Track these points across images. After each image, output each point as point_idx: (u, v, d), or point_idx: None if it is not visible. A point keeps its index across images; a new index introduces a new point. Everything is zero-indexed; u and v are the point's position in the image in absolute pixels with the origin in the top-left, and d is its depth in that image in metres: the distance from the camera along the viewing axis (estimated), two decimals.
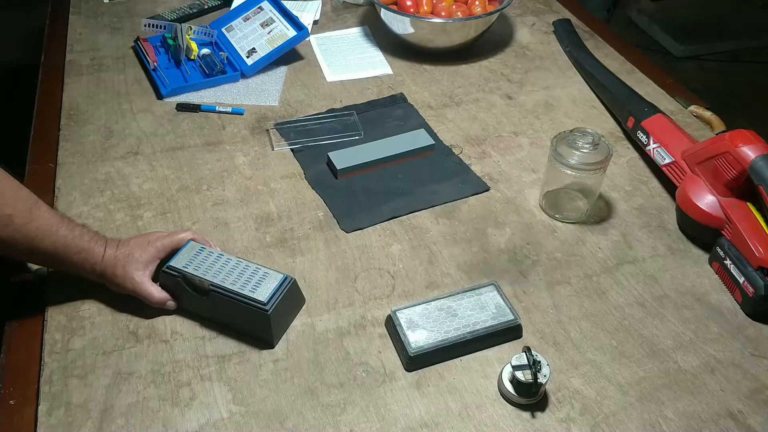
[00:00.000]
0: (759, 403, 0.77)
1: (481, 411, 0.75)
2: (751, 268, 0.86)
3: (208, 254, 0.84)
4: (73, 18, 1.45)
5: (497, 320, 0.81)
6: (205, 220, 0.98)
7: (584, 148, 0.92)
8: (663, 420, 0.75)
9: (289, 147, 1.12)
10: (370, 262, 0.92)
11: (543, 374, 0.73)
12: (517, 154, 1.12)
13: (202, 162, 1.09)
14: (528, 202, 1.03)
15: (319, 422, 0.74)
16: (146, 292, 0.82)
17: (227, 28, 1.38)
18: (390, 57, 1.36)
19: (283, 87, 1.27)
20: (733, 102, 2.55)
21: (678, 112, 1.20)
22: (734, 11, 3.15)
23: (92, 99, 1.21)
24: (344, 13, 1.51)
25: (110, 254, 0.82)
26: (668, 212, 1.01)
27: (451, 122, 1.19)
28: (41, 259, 0.83)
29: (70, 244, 0.80)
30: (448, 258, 0.93)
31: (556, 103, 1.24)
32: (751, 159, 0.85)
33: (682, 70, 2.82)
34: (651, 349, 0.82)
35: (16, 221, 0.76)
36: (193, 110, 1.19)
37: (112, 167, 1.07)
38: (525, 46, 1.41)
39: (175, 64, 1.29)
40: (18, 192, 0.78)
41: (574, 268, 0.92)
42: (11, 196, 0.77)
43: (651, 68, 1.34)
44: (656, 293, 0.89)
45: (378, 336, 0.83)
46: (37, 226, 0.78)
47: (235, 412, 0.74)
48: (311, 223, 0.98)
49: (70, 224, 0.81)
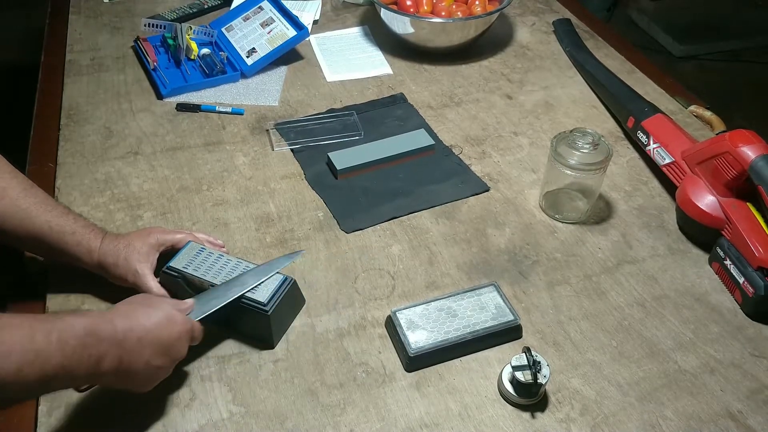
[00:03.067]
0: (759, 403, 0.77)
1: (481, 411, 0.75)
2: (750, 269, 0.86)
3: (208, 255, 0.84)
4: (73, 18, 1.45)
5: (497, 321, 0.81)
6: (205, 220, 0.98)
7: (584, 148, 0.92)
8: (663, 420, 0.75)
9: (289, 147, 1.12)
10: (370, 263, 0.92)
11: (543, 375, 0.73)
12: (517, 154, 1.12)
13: (202, 162, 1.09)
14: (528, 202, 1.03)
15: (319, 422, 0.74)
16: (146, 286, 0.81)
17: (227, 27, 1.38)
18: (390, 57, 1.36)
19: (283, 87, 1.27)
20: (733, 102, 2.55)
21: (678, 112, 1.20)
22: (734, 11, 3.15)
23: (92, 99, 1.21)
24: (344, 13, 1.51)
25: (109, 244, 0.82)
26: (668, 212, 1.01)
27: (451, 122, 1.19)
28: (35, 241, 0.81)
29: (63, 224, 0.80)
30: (448, 258, 0.93)
31: (556, 103, 1.24)
32: (751, 159, 0.85)
33: (682, 70, 2.82)
34: (651, 349, 0.82)
35: (11, 194, 0.78)
36: (193, 110, 1.19)
37: (112, 167, 1.07)
38: (525, 46, 1.41)
39: (175, 64, 1.29)
40: (14, 173, 0.81)
41: (574, 269, 0.92)
42: (8, 175, 0.80)
43: (651, 68, 1.34)
44: (656, 293, 0.89)
45: (378, 336, 0.83)
46: (32, 202, 0.79)
47: (235, 413, 0.75)
48: (311, 223, 0.98)
49: (65, 209, 0.83)
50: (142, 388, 0.71)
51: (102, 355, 0.64)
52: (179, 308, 0.74)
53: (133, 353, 0.67)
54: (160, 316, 0.70)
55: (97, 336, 0.63)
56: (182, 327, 0.72)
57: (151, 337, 0.68)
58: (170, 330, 0.70)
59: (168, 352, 0.70)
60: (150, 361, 0.68)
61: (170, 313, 0.71)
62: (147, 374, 0.70)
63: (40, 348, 0.58)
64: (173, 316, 0.72)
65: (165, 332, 0.70)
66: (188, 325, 0.73)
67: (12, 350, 0.56)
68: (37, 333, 0.59)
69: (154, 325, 0.69)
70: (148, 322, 0.69)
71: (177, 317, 0.72)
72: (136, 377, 0.69)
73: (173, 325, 0.71)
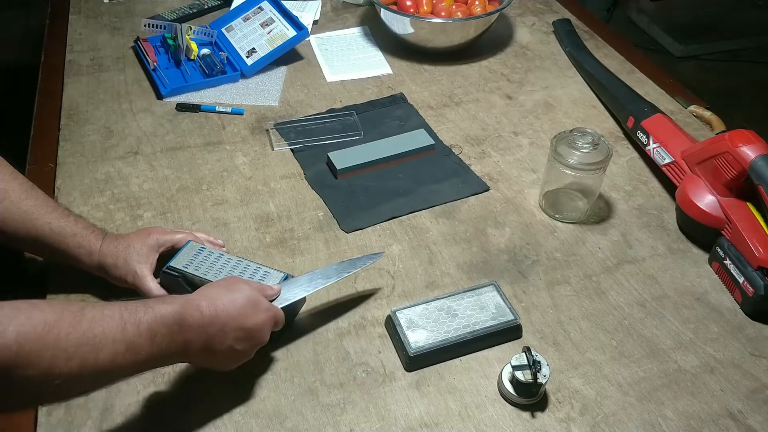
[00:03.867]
0: (759, 402, 0.77)
1: (481, 411, 0.75)
2: (750, 268, 0.86)
3: (208, 254, 0.84)
4: (73, 18, 1.45)
5: (497, 320, 0.81)
6: (205, 220, 0.98)
7: (584, 148, 0.92)
8: (663, 420, 0.75)
9: (289, 147, 1.12)
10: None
11: (543, 374, 0.73)
12: (517, 154, 1.12)
13: (201, 162, 1.09)
14: (528, 202, 1.03)
15: (319, 422, 0.74)
16: (146, 287, 0.81)
17: (227, 28, 1.38)
18: (390, 57, 1.36)
19: (283, 87, 1.27)
20: (733, 102, 2.55)
21: (678, 112, 1.20)
22: (734, 11, 3.15)
23: (92, 99, 1.21)
24: (344, 13, 1.51)
25: (109, 245, 0.82)
26: (668, 212, 1.01)
27: (451, 122, 1.19)
28: (36, 243, 0.81)
29: (64, 225, 0.81)
30: (448, 258, 0.93)
31: (556, 103, 1.24)
32: (751, 159, 0.85)
33: (682, 70, 2.82)
34: (651, 349, 0.82)
35: (12, 196, 0.78)
36: (193, 110, 1.19)
37: (112, 167, 1.07)
38: (525, 46, 1.41)
39: (175, 64, 1.29)
40: (14, 174, 0.81)
41: (574, 268, 0.92)
42: (8, 177, 0.80)
43: (651, 68, 1.34)
44: (656, 293, 0.89)
45: (378, 336, 0.83)
46: (33, 204, 0.80)
47: (235, 412, 0.74)
48: (311, 223, 0.98)
49: (66, 210, 0.83)
50: (224, 367, 0.74)
51: (189, 341, 0.66)
52: (265, 294, 0.76)
53: (218, 338, 0.69)
54: (244, 302, 0.71)
55: (185, 324, 0.66)
56: (266, 314, 0.73)
57: (235, 324, 0.70)
58: (255, 317, 0.72)
59: (251, 338, 0.72)
60: (233, 345, 0.70)
61: (255, 299, 0.73)
62: (229, 356, 0.72)
63: (131, 339, 0.61)
64: (258, 303, 0.73)
65: (249, 319, 0.71)
66: (272, 312, 0.74)
67: (105, 343, 0.59)
68: (128, 324, 0.61)
69: (239, 311, 0.70)
70: (233, 309, 0.70)
71: (262, 304, 0.73)
72: (219, 359, 0.72)
73: (257, 312, 0.72)
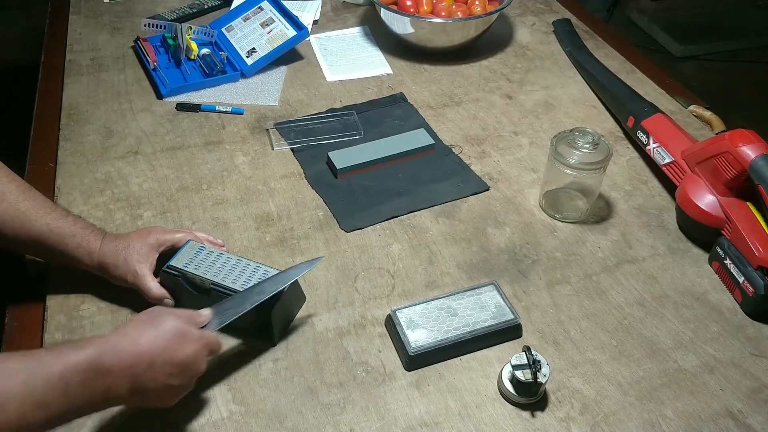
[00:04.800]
0: (758, 402, 0.77)
1: (481, 410, 0.75)
2: (750, 268, 0.86)
3: (208, 253, 0.84)
4: (73, 18, 1.45)
5: (497, 320, 0.81)
6: (205, 219, 0.98)
7: (584, 148, 0.92)
8: (663, 419, 0.75)
9: (289, 147, 1.12)
10: (370, 262, 0.92)
11: (543, 374, 0.73)
12: (517, 153, 1.13)
13: (201, 162, 1.09)
14: (528, 201, 1.03)
15: (319, 421, 0.74)
16: (145, 286, 0.81)
17: (227, 28, 1.38)
18: (390, 57, 1.36)
19: (283, 87, 1.27)
20: (733, 102, 2.55)
21: (678, 112, 1.20)
22: (734, 11, 3.15)
23: (92, 99, 1.21)
24: (344, 13, 1.51)
25: (109, 245, 0.82)
26: (668, 212, 1.01)
27: (451, 122, 1.19)
28: (35, 244, 0.80)
29: (63, 226, 0.80)
30: (448, 257, 0.93)
31: (556, 103, 1.24)
32: (751, 159, 0.85)
33: (682, 70, 2.82)
34: (651, 348, 0.82)
35: (10, 197, 0.78)
36: (193, 110, 1.19)
37: (112, 167, 1.07)
38: (525, 46, 1.41)
39: (175, 63, 1.29)
40: (12, 176, 0.81)
41: (574, 268, 0.92)
42: (6, 178, 0.80)
43: (651, 68, 1.34)
44: (656, 293, 0.89)
45: (378, 335, 0.83)
46: (31, 205, 0.79)
47: (235, 412, 0.74)
48: (311, 222, 0.98)
49: (64, 211, 0.83)
50: (163, 404, 0.68)
51: (112, 385, 0.61)
52: (194, 321, 0.71)
53: (147, 377, 0.63)
54: (170, 335, 0.66)
55: (102, 369, 0.60)
56: (197, 344, 0.68)
57: (163, 359, 0.64)
58: (184, 348, 0.66)
59: (185, 371, 0.67)
60: (167, 381, 0.65)
61: (181, 330, 0.67)
62: (166, 393, 0.67)
63: (40, 395, 0.56)
64: (185, 334, 0.67)
65: (179, 352, 0.66)
66: (203, 341, 0.69)
67: (9, 402, 0.54)
68: (37, 379, 0.56)
69: (164, 346, 0.65)
70: (158, 344, 0.64)
71: (189, 334, 0.68)
72: (155, 397, 0.66)
73: (185, 343, 0.67)
